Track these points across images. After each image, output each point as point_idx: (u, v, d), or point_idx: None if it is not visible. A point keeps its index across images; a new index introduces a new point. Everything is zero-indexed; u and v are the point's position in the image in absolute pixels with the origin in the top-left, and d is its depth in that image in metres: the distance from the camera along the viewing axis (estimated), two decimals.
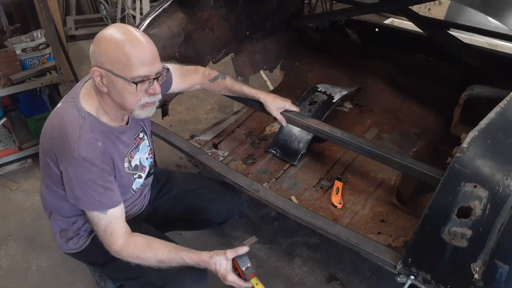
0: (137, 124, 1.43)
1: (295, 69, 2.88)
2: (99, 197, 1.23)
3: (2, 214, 2.39)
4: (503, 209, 1.13)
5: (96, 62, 1.17)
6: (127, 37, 1.14)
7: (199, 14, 2.28)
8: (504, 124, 1.26)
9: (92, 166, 1.20)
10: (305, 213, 1.62)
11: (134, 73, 1.15)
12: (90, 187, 1.22)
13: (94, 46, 1.17)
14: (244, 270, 1.29)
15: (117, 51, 1.13)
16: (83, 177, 1.21)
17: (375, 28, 2.88)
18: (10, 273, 2.06)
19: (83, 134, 1.20)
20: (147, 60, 1.16)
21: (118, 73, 1.15)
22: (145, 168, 1.48)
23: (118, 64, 1.14)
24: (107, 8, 4.93)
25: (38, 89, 2.86)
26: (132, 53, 1.13)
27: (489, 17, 1.53)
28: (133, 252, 1.28)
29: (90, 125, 1.23)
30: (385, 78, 2.60)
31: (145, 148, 1.48)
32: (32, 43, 2.63)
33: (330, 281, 2.06)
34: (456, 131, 1.93)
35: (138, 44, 1.15)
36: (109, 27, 1.19)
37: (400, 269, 1.38)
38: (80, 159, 1.18)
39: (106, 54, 1.14)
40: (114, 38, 1.14)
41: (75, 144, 1.19)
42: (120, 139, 1.32)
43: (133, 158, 1.39)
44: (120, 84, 1.16)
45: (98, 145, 1.22)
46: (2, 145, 2.62)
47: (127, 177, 1.38)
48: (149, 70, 1.17)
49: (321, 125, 1.70)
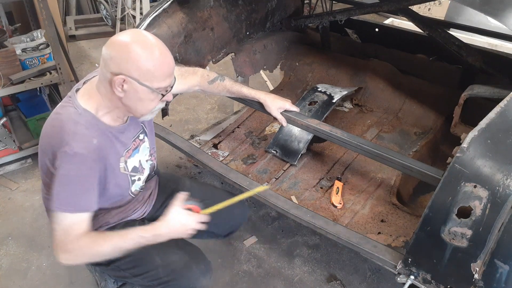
0: (137, 126, 1.42)
1: (295, 69, 2.88)
2: (74, 197, 1.19)
3: (2, 214, 2.39)
4: (503, 209, 1.13)
5: (119, 69, 1.15)
6: (157, 49, 1.17)
7: (199, 14, 2.28)
8: (504, 124, 1.26)
9: (81, 163, 1.17)
10: (305, 213, 1.62)
11: (160, 84, 1.20)
12: (72, 184, 1.18)
13: (118, 52, 1.15)
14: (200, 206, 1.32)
15: (149, 62, 1.15)
16: (69, 172, 1.17)
17: (375, 28, 2.88)
18: (10, 273, 2.07)
19: (78, 130, 1.19)
20: (170, 72, 1.22)
21: (145, 83, 1.17)
22: (145, 171, 1.48)
23: (148, 75, 1.16)
24: (107, 8, 4.93)
25: (38, 89, 2.87)
26: (162, 67, 1.18)
27: (489, 17, 1.53)
28: (86, 245, 1.20)
29: (86, 121, 1.22)
30: (385, 78, 2.60)
31: (145, 150, 1.47)
32: (32, 43, 2.63)
33: (330, 281, 2.06)
34: (456, 131, 1.93)
35: (165, 58, 1.19)
36: (133, 32, 1.19)
37: (400, 269, 1.38)
38: (71, 154, 1.15)
39: (135, 63, 1.14)
40: (146, 48, 1.16)
41: (69, 138, 1.17)
42: (118, 139, 1.31)
43: (129, 159, 1.38)
44: (144, 92, 1.19)
45: (93, 142, 1.20)
46: (2, 145, 2.62)
47: (123, 178, 1.36)
48: (170, 80, 1.23)
49: (321, 125, 1.70)
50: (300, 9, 3.02)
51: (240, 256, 2.18)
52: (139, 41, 1.16)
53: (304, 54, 2.90)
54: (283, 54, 2.90)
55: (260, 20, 2.69)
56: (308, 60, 2.86)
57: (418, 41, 2.67)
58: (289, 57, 2.91)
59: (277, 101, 1.74)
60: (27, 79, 2.48)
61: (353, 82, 2.66)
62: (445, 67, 2.55)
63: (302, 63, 2.87)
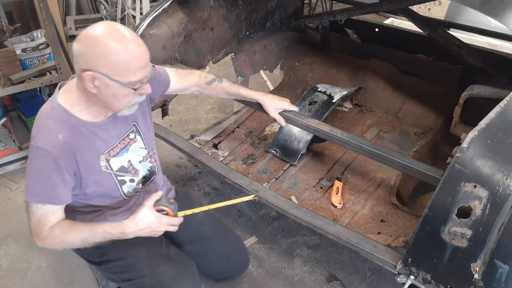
0: (126, 124, 1.37)
1: (295, 69, 2.88)
2: (43, 190, 1.21)
3: (2, 214, 2.39)
4: (503, 209, 1.13)
5: (88, 65, 1.11)
6: (125, 42, 1.11)
7: (199, 14, 2.28)
8: (504, 124, 1.26)
9: (45, 157, 1.18)
10: (305, 213, 1.62)
11: (132, 78, 1.14)
12: (38, 177, 1.21)
13: (86, 47, 1.11)
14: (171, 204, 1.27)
15: (117, 57, 1.10)
16: (34, 166, 1.21)
17: (375, 28, 2.88)
18: (10, 272, 2.06)
19: (46, 125, 1.21)
20: (143, 64, 1.16)
21: (115, 78, 1.12)
22: (139, 172, 1.43)
23: (117, 69, 1.12)
24: (107, 8, 4.93)
25: (38, 89, 2.87)
26: (132, 60, 1.12)
27: (489, 17, 1.53)
28: (57, 235, 1.24)
29: (57, 116, 1.21)
30: (385, 78, 2.60)
31: (137, 151, 1.42)
32: (32, 43, 2.64)
33: (330, 281, 2.06)
34: (456, 131, 1.93)
35: (136, 50, 1.13)
36: (99, 27, 1.12)
37: (400, 269, 1.38)
38: (35, 147, 1.18)
39: (103, 59, 1.10)
40: (112, 43, 1.10)
41: (36, 133, 1.20)
42: (97, 135, 1.27)
43: (114, 158, 1.33)
44: (115, 88, 1.15)
45: (58, 138, 1.19)
46: (2, 145, 2.62)
47: (106, 177, 1.32)
48: (144, 73, 1.17)
49: (321, 125, 1.69)
50: (300, 9, 3.02)
51: None
52: (106, 35, 1.11)
53: (304, 54, 2.90)
54: (283, 54, 2.90)
55: (260, 20, 2.69)
56: (308, 60, 2.86)
57: (418, 41, 2.68)
58: (289, 57, 2.91)
59: (275, 101, 1.72)
60: (27, 79, 2.49)
61: (353, 82, 2.66)
62: (445, 67, 2.55)
63: (302, 63, 2.87)
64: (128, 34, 1.13)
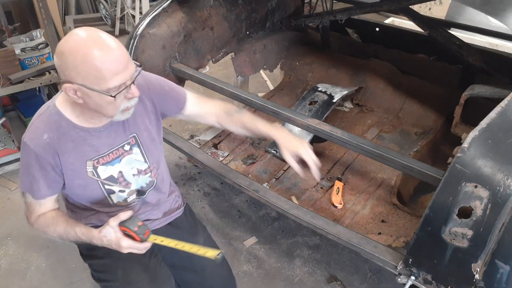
0: (123, 135, 1.32)
1: (295, 68, 2.88)
2: (28, 182, 1.26)
3: (1, 214, 2.39)
4: (504, 209, 1.13)
5: (65, 77, 1.09)
6: (94, 48, 1.05)
7: (198, 13, 2.28)
8: (504, 124, 1.25)
9: (28, 153, 1.22)
10: (305, 213, 1.61)
11: (109, 84, 1.08)
12: (23, 169, 1.26)
13: (59, 60, 1.08)
14: (137, 230, 1.19)
15: (86, 65, 1.04)
16: (22, 159, 1.26)
17: (376, 27, 2.88)
18: (10, 273, 2.06)
19: (36, 122, 1.23)
20: (119, 68, 1.08)
21: (92, 87, 1.08)
22: (131, 185, 1.38)
23: (90, 78, 1.06)
24: (107, 8, 4.93)
25: (37, 88, 2.87)
26: (103, 65, 1.05)
27: (490, 16, 1.53)
28: (41, 226, 1.31)
29: (48, 116, 1.22)
30: (386, 78, 2.60)
31: (132, 163, 1.36)
32: (31, 42, 2.63)
33: (330, 281, 2.06)
34: (456, 131, 1.92)
35: (107, 54, 1.06)
36: (72, 34, 1.07)
37: (400, 269, 1.38)
38: (23, 142, 1.22)
39: (75, 70, 1.06)
40: (80, 50, 1.04)
41: (28, 128, 1.24)
42: (87, 141, 1.25)
43: (103, 166, 1.30)
44: (96, 97, 1.10)
45: (43, 137, 1.20)
46: (1, 145, 2.62)
47: (91, 183, 1.30)
48: (123, 77, 1.10)
49: (321, 125, 1.69)
50: (300, 8, 3.01)
51: (240, 257, 2.18)
52: (75, 44, 1.06)
53: (304, 54, 2.89)
54: (283, 53, 2.90)
55: (260, 20, 2.69)
56: (308, 60, 2.86)
57: (418, 41, 2.67)
58: (289, 57, 2.91)
59: (291, 143, 1.41)
60: (26, 79, 2.48)
61: (353, 82, 2.65)
62: (445, 67, 2.54)
63: (302, 63, 2.87)
64: (100, 39, 1.07)
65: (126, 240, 1.20)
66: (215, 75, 3.74)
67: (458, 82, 2.45)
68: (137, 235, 1.20)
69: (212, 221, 2.38)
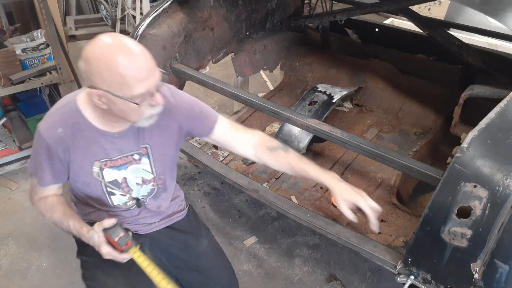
0: (135, 144, 1.31)
1: (295, 69, 2.88)
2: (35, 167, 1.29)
3: (2, 214, 2.39)
4: (503, 209, 1.13)
5: (90, 82, 1.09)
6: (119, 54, 1.05)
7: (199, 14, 2.28)
8: (504, 124, 1.26)
9: (41, 142, 1.23)
10: (305, 213, 1.62)
11: (134, 92, 1.08)
12: (34, 154, 1.29)
13: (84, 65, 1.08)
14: (117, 240, 1.20)
15: (111, 72, 1.05)
16: (35, 144, 1.28)
17: (375, 28, 2.88)
18: (10, 273, 2.06)
19: (54, 115, 1.24)
20: (144, 75, 1.08)
21: (116, 93, 1.08)
22: (132, 192, 1.38)
23: (115, 85, 1.07)
24: (107, 8, 4.93)
25: (38, 89, 2.87)
26: (127, 72, 1.05)
27: (489, 17, 1.53)
28: (41, 209, 1.34)
29: (67, 111, 1.23)
30: (385, 78, 2.60)
31: (138, 172, 1.35)
32: (32, 43, 2.63)
33: (330, 281, 2.06)
34: (456, 131, 1.93)
35: (132, 61, 1.06)
36: (97, 40, 1.08)
37: (400, 269, 1.38)
38: (38, 130, 1.23)
39: (100, 76, 1.06)
40: (104, 57, 1.05)
41: (46, 116, 1.25)
42: (100, 142, 1.26)
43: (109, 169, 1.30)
44: (120, 103, 1.11)
45: (57, 131, 1.21)
46: (2, 145, 2.63)
47: (94, 183, 1.31)
48: (148, 84, 1.10)
49: (321, 125, 1.69)
50: (300, 9, 3.02)
51: (240, 256, 2.18)
52: (101, 49, 1.06)
53: (304, 54, 2.90)
54: (283, 54, 2.90)
55: (260, 20, 2.69)
56: (308, 60, 2.86)
57: (418, 41, 2.68)
58: (289, 57, 2.91)
59: (349, 194, 1.34)
60: (27, 79, 2.48)
61: (353, 82, 2.66)
62: (445, 67, 2.55)
63: (302, 63, 2.87)
64: (125, 45, 1.07)
65: (106, 247, 1.22)
66: (215, 75, 3.74)
67: (457, 82, 2.46)
68: (117, 245, 1.22)
69: (212, 221, 2.38)
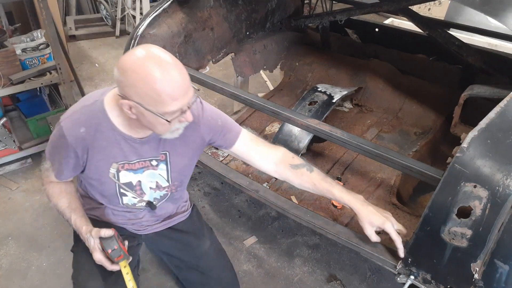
0: (155, 151, 1.32)
1: (295, 69, 2.88)
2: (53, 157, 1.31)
3: (2, 214, 2.39)
4: (503, 209, 1.13)
5: (123, 92, 1.10)
6: (157, 71, 1.04)
7: (199, 14, 2.28)
8: (504, 124, 1.26)
9: (62, 139, 1.23)
10: (305, 213, 1.62)
11: (167, 109, 1.08)
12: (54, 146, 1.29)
13: (120, 75, 1.08)
14: (110, 252, 1.25)
15: (147, 87, 1.05)
16: (55, 137, 1.27)
17: (375, 28, 2.88)
18: (10, 273, 2.06)
19: (78, 113, 1.23)
20: (179, 94, 1.08)
21: (148, 107, 1.08)
22: (144, 195, 1.39)
23: (148, 99, 1.07)
24: (107, 8, 4.94)
25: (38, 89, 2.87)
26: (164, 90, 1.05)
27: (489, 17, 1.53)
28: (49, 193, 1.37)
29: (92, 111, 1.21)
30: (385, 78, 2.60)
31: (154, 177, 1.37)
32: (32, 43, 2.63)
33: (330, 281, 2.06)
34: (456, 131, 1.93)
35: (169, 79, 1.05)
36: (136, 52, 1.08)
37: (400, 269, 1.38)
38: (60, 126, 1.23)
39: (135, 89, 1.06)
40: (142, 70, 1.04)
41: (69, 112, 1.24)
42: (120, 145, 1.26)
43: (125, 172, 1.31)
44: (150, 117, 1.11)
45: (80, 130, 1.21)
46: (2, 145, 2.62)
47: (109, 183, 1.32)
48: (181, 103, 1.10)
49: (321, 125, 1.69)
50: (300, 9, 3.02)
51: (240, 256, 2.18)
52: (140, 63, 1.05)
53: (304, 54, 2.90)
54: (283, 54, 2.90)
55: (260, 20, 2.69)
56: (308, 60, 2.86)
57: (418, 41, 2.68)
58: (289, 57, 2.91)
59: (376, 218, 1.34)
60: (27, 79, 2.48)
61: (353, 82, 2.66)
62: (445, 67, 2.55)
63: (302, 63, 2.87)
64: (164, 62, 1.07)
65: (99, 255, 1.26)
66: (215, 75, 3.74)
67: (457, 82, 2.46)
68: (110, 256, 1.26)
69: (212, 221, 2.38)
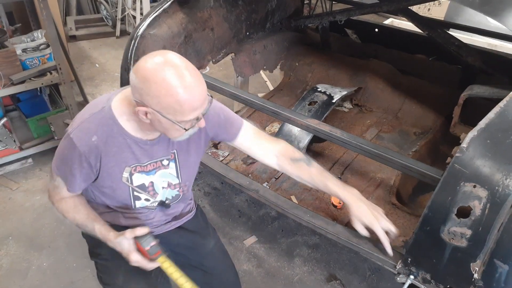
0: (165, 151, 1.34)
1: (295, 69, 2.88)
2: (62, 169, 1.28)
3: (2, 214, 2.39)
4: (502, 209, 1.14)
5: (142, 99, 1.10)
6: (180, 82, 1.06)
7: (199, 14, 2.29)
8: (503, 124, 1.26)
9: (73, 150, 1.21)
10: (305, 213, 1.62)
11: (185, 118, 1.11)
12: (61, 159, 1.27)
13: (139, 83, 1.08)
14: (148, 249, 1.24)
15: (170, 98, 1.06)
16: (62, 149, 1.25)
17: (375, 28, 2.89)
18: (11, 272, 2.07)
19: (88, 122, 1.21)
20: (198, 105, 1.11)
21: (167, 116, 1.10)
22: (157, 196, 1.40)
23: (169, 109, 1.08)
24: (108, 8, 4.94)
25: (39, 89, 2.87)
26: (186, 102, 1.07)
27: (489, 17, 1.53)
28: (63, 210, 1.34)
29: (102, 118, 1.21)
30: (385, 78, 2.61)
31: (166, 176, 1.38)
32: (32, 43, 2.63)
33: (330, 280, 2.06)
34: (455, 131, 1.93)
35: (191, 91, 1.08)
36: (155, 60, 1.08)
37: (399, 268, 1.38)
38: (69, 137, 1.21)
39: (157, 98, 1.07)
40: (166, 82, 1.05)
41: (77, 122, 1.22)
42: (132, 149, 1.26)
43: (138, 174, 1.32)
44: (167, 123, 1.13)
45: (91, 139, 1.19)
46: (3, 145, 2.63)
47: (122, 187, 1.32)
48: (199, 112, 1.13)
49: (321, 125, 1.69)
50: (300, 9, 3.02)
51: (240, 256, 2.18)
52: (162, 72, 1.06)
53: (304, 54, 2.90)
54: (283, 54, 2.91)
55: (260, 21, 2.70)
56: (308, 60, 2.87)
57: (417, 41, 2.68)
58: (289, 57, 2.91)
59: (366, 216, 1.38)
60: (28, 79, 2.49)
61: (353, 82, 2.66)
62: (444, 67, 2.55)
63: (302, 63, 2.87)
64: (186, 72, 1.08)
65: (136, 255, 1.25)
66: (215, 75, 3.75)
67: (457, 82, 2.46)
68: (148, 254, 1.25)
69: (212, 221, 2.38)
